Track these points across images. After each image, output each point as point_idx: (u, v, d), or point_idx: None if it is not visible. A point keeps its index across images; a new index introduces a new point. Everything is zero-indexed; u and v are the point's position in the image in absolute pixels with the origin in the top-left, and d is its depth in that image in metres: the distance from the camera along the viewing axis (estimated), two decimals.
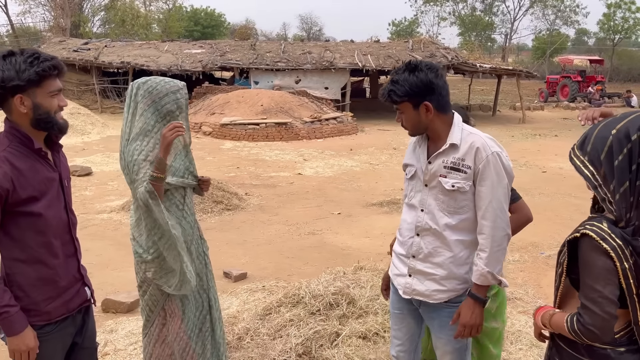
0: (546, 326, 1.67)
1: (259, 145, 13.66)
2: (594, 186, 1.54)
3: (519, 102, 22.68)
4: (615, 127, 1.52)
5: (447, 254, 2.09)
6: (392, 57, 18.99)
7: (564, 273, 1.62)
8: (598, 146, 1.53)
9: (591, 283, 1.50)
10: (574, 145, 1.63)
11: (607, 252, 1.48)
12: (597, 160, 1.52)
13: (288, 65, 18.27)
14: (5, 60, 1.82)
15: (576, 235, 1.56)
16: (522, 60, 49.92)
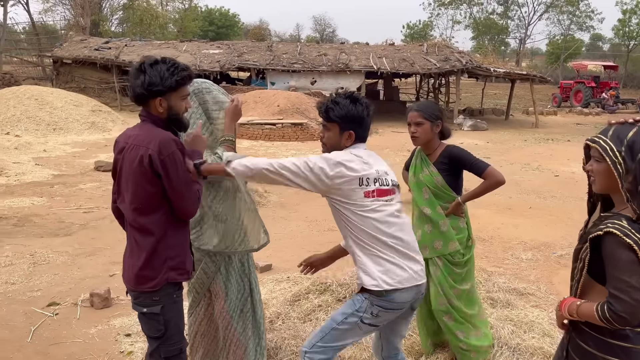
0: (572, 315, 1.84)
1: (275, 145, 13.95)
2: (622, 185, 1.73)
3: (532, 106, 22.78)
4: None
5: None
6: (407, 60, 19.20)
7: (585, 267, 1.81)
8: (633, 147, 1.71)
9: (618, 275, 1.68)
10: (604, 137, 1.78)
11: (631, 246, 1.66)
12: (630, 163, 1.70)
13: (304, 67, 18.56)
14: (152, 68, 2.17)
15: (599, 234, 1.74)
16: (536, 65, 49.82)
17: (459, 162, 2.97)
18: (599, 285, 1.80)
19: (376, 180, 2.29)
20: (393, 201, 2.34)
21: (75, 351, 3.47)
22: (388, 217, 2.28)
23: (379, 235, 2.26)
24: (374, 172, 2.30)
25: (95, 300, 4.14)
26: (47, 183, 8.65)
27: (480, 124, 18.79)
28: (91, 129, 14.52)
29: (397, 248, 2.29)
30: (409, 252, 2.33)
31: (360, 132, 2.35)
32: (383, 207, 2.28)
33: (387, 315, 2.30)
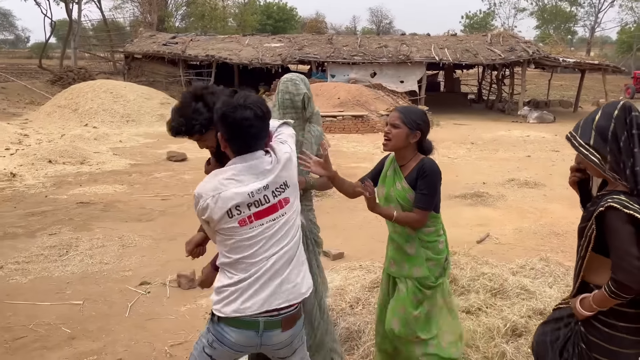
0: (591, 310, 1.93)
1: (336, 137, 14.06)
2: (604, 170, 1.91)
3: (603, 98, 21.72)
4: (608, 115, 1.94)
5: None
6: (470, 51, 18.80)
7: (591, 243, 1.92)
8: (601, 132, 1.91)
9: (619, 245, 1.82)
10: (576, 134, 1.98)
11: (631, 217, 1.81)
12: (603, 148, 1.90)
13: (364, 59, 18.55)
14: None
15: (601, 210, 1.86)
16: (606, 54, 47.30)
17: (420, 176, 2.52)
18: (603, 258, 1.91)
19: (250, 205, 1.99)
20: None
21: (169, 327, 3.74)
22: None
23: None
24: (246, 195, 1.97)
25: (182, 281, 4.42)
26: (125, 172, 9.17)
27: (547, 116, 18.15)
28: (161, 121, 15.17)
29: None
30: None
31: (237, 143, 2.00)
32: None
33: (222, 351, 2.11)
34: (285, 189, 2.06)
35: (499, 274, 3.92)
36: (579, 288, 2.04)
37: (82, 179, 8.51)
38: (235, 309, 2.00)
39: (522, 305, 3.42)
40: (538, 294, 3.62)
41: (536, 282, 4.02)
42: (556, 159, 11.17)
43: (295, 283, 2.08)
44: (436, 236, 2.62)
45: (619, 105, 1.95)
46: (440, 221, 2.65)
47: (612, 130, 1.91)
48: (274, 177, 2.02)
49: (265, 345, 2.07)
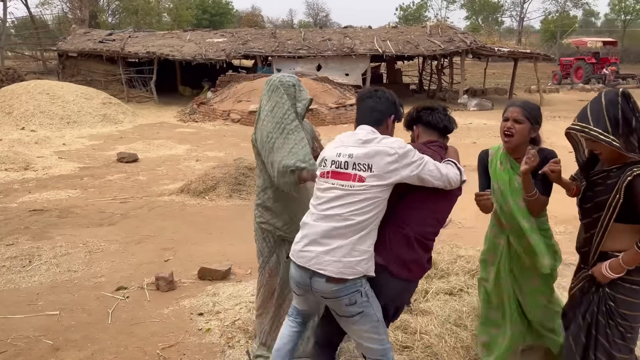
0: (619, 271, 2.18)
1: None
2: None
3: (534, 85, 22.92)
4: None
5: None
6: (411, 42, 19.28)
7: (615, 213, 2.16)
8: (613, 119, 2.14)
9: None
10: (588, 125, 2.20)
11: None
12: (617, 132, 2.13)
13: (309, 53, 18.63)
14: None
15: (630, 179, 2.10)
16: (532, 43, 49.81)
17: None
18: (622, 225, 2.17)
19: (333, 163, 2.35)
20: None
21: (156, 330, 3.68)
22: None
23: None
24: (334, 153, 2.36)
25: (161, 284, 4.35)
26: (76, 176, 8.81)
27: (485, 103, 18.94)
28: (104, 122, 14.62)
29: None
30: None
31: (356, 115, 2.59)
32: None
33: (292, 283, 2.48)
34: (367, 171, 2.25)
35: (475, 255, 4.12)
36: (598, 257, 2.27)
37: (30, 185, 8.10)
38: (291, 250, 2.46)
39: None
40: None
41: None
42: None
43: (332, 255, 2.26)
44: (548, 223, 2.74)
45: (619, 92, 2.18)
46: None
47: (622, 115, 2.13)
48: (362, 152, 2.28)
49: (315, 290, 2.33)
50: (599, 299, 2.26)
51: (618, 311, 2.21)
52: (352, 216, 2.24)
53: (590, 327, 2.30)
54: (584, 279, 2.40)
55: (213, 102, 16.71)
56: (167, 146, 11.56)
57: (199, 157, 10.48)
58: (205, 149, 11.33)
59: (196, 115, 15.97)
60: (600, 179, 2.26)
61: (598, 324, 2.26)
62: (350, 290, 2.24)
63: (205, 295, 4.24)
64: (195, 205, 6.98)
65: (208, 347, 3.46)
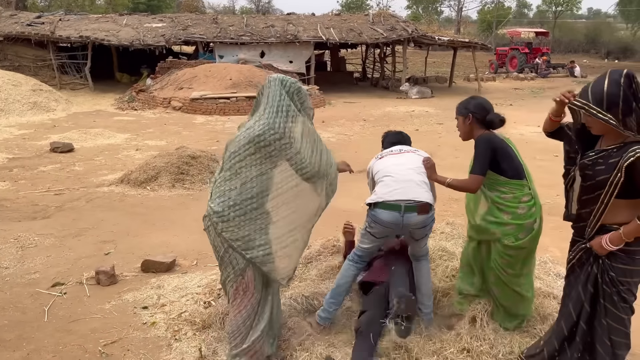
0: (619, 243, 2.34)
1: (231, 119, 13.84)
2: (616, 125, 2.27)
3: (472, 73, 23.64)
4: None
5: None
6: (354, 30, 19.37)
7: (616, 191, 2.30)
8: (613, 98, 2.27)
9: None
10: (588, 102, 2.33)
11: None
12: (616, 111, 2.28)
13: (252, 39, 18.33)
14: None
15: (633, 160, 2.23)
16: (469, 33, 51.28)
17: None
18: (622, 200, 2.32)
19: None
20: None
21: (97, 326, 3.53)
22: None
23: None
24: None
25: (102, 278, 4.17)
26: (4, 167, 8.28)
27: (426, 90, 19.36)
28: (34, 110, 13.79)
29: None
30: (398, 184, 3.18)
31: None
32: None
33: (378, 228, 3.14)
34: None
35: None
36: (597, 230, 2.42)
37: None
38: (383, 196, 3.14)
39: (446, 266, 3.72)
40: (457, 253, 3.96)
41: (449, 244, 4.39)
42: (442, 132, 12.03)
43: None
44: (517, 202, 2.99)
45: (623, 73, 2.31)
46: (520, 188, 3.02)
47: (623, 96, 2.25)
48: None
49: (407, 224, 3.07)
50: (602, 271, 2.44)
51: (618, 279, 2.40)
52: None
53: (596, 297, 2.47)
54: (580, 250, 2.54)
55: (153, 89, 16.15)
56: (104, 135, 11.07)
57: (139, 146, 10.11)
58: (146, 138, 10.95)
59: (135, 103, 15.39)
60: (600, 158, 2.38)
61: (605, 293, 2.44)
62: (432, 218, 3.18)
63: (149, 288, 4.11)
64: (136, 195, 6.74)
65: (153, 341, 3.35)
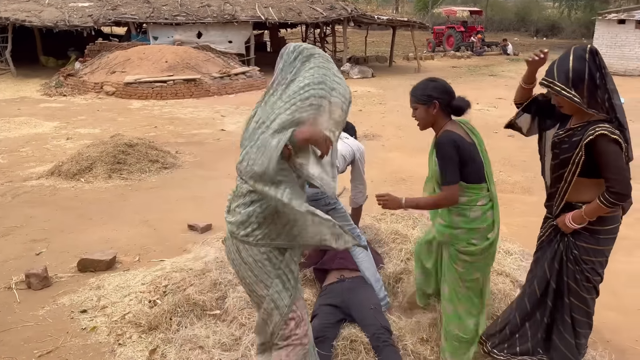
0: (581, 222, 2.34)
1: (169, 103, 13.30)
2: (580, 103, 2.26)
3: (411, 52, 23.87)
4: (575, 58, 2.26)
5: None
6: (294, 9, 19.01)
7: (578, 169, 2.30)
8: (578, 74, 2.24)
9: (613, 162, 2.22)
10: (553, 80, 2.29)
11: (617, 139, 2.22)
12: (581, 88, 2.23)
13: (188, 19, 17.59)
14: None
15: (592, 138, 2.21)
16: (407, 12, 51.80)
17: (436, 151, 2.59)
18: (586, 179, 2.31)
19: None
20: None
21: (30, 335, 3.24)
22: None
23: None
24: None
25: (33, 281, 3.84)
26: None
27: (367, 70, 19.38)
28: None
29: None
30: None
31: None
32: None
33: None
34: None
35: (371, 224, 4.14)
36: (562, 208, 2.41)
37: None
38: None
39: (400, 249, 3.67)
40: (410, 236, 3.92)
41: (400, 225, 4.35)
42: (385, 111, 12.07)
43: None
44: (472, 205, 2.58)
45: (587, 49, 2.28)
46: (478, 192, 2.58)
47: (588, 71, 2.21)
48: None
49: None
50: (566, 248, 2.44)
51: (582, 258, 2.40)
52: None
53: (560, 274, 2.48)
54: (549, 227, 2.55)
55: (83, 73, 15.23)
56: (30, 124, 10.32)
57: (69, 135, 9.48)
58: (77, 126, 10.30)
59: (64, 89, 14.45)
60: (566, 137, 2.36)
61: (568, 270, 2.44)
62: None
63: (87, 290, 3.82)
64: (69, 188, 6.30)
65: (95, 347, 3.11)
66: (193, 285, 3.49)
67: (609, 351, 2.80)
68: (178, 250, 4.51)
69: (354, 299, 3.09)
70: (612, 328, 3.09)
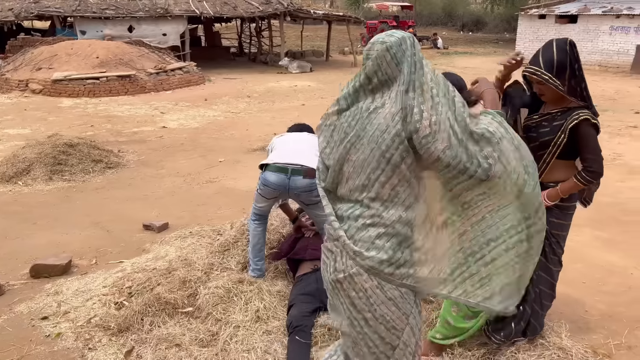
0: (555, 199, 2.55)
1: (103, 101, 12.79)
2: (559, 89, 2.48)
3: (346, 47, 24.23)
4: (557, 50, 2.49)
5: None
6: (229, 3, 18.75)
7: (558, 151, 2.52)
8: (562, 64, 2.47)
9: (593, 145, 2.49)
10: (539, 69, 2.50)
11: (596, 125, 2.50)
12: (563, 77, 2.47)
13: (118, 13, 16.92)
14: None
15: (576, 122, 2.45)
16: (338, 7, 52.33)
17: None
18: (561, 161, 2.55)
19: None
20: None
21: None
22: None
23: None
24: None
25: None
26: None
27: (306, 65, 19.49)
28: None
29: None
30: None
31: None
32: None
33: (266, 190, 3.34)
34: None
35: None
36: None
37: None
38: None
39: None
40: None
41: None
42: (327, 105, 12.15)
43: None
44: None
45: (567, 42, 2.49)
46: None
47: (569, 62, 2.45)
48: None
49: (293, 187, 3.28)
50: None
51: (551, 232, 2.59)
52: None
53: None
54: None
55: (5, 70, 14.30)
56: None
57: None
58: (4, 126, 9.69)
59: None
60: (545, 120, 2.55)
61: None
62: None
63: (45, 296, 3.66)
64: (7, 192, 5.95)
65: (63, 354, 3.00)
66: (161, 285, 3.43)
67: (564, 322, 3.05)
68: (136, 251, 4.40)
69: None
70: (564, 301, 3.36)
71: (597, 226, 4.82)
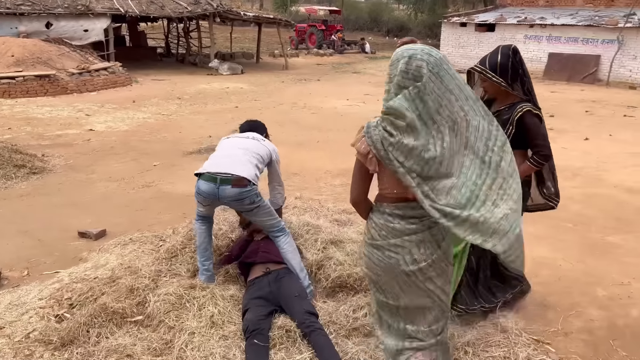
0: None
1: (19, 102, 11.99)
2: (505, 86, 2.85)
3: (276, 49, 24.23)
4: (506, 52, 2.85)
5: None
6: (156, 2, 18.19)
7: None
8: (504, 66, 2.83)
9: (540, 132, 2.85)
10: (485, 68, 2.86)
11: (539, 115, 2.87)
12: (506, 76, 2.84)
13: (34, 9, 15.92)
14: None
15: (521, 114, 2.77)
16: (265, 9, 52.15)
17: None
18: (515, 151, 2.70)
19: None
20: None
21: None
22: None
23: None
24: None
25: None
26: None
27: (236, 67, 19.28)
28: None
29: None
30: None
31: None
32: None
33: (199, 197, 3.35)
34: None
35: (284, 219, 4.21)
36: None
37: None
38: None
39: (315, 239, 3.81)
40: (321, 225, 4.08)
41: (307, 216, 4.50)
42: (261, 107, 12.13)
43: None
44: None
45: (511, 48, 2.85)
46: None
47: (511, 65, 2.81)
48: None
49: (222, 196, 3.24)
50: None
51: None
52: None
53: None
54: None
55: None
56: None
57: None
58: None
59: None
60: (495, 117, 2.68)
61: None
62: (250, 192, 3.23)
63: None
64: None
65: None
66: (106, 294, 3.27)
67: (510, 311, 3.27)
68: (73, 260, 4.16)
69: (281, 289, 3.17)
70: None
71: (526, 222, 5.15)
